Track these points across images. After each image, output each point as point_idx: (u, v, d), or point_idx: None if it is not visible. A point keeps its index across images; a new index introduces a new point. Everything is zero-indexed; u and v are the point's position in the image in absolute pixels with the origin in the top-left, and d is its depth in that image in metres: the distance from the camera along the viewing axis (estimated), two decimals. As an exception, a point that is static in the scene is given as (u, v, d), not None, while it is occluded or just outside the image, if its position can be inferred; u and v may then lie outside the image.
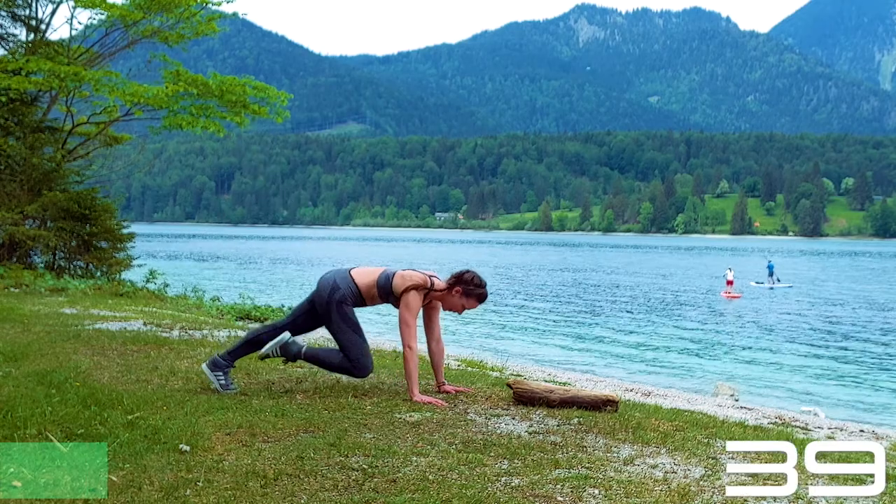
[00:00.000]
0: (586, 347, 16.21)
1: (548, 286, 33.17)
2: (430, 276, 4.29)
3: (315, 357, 4.35)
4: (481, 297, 4.33)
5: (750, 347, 16.53)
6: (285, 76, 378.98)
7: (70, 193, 13.77)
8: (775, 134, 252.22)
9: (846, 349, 16.72)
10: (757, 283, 32.39)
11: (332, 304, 4.27)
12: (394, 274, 4.27)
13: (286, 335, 4.32)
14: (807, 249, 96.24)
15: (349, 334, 4.27)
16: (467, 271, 4.33)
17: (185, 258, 49.55)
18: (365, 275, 4.33)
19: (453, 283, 4.29)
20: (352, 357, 4.27)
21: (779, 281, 32.72)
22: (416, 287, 4.21)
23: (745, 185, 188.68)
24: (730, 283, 29.56)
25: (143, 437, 3.21)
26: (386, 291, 4.27)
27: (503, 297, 27.33)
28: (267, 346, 4.33)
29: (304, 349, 4.36)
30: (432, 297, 4.33)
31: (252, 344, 4.41)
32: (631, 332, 18.60)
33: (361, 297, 4.32)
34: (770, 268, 32.65)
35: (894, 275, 46.23)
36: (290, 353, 4.33)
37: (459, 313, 4.39)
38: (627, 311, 23.60)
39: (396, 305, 4.29)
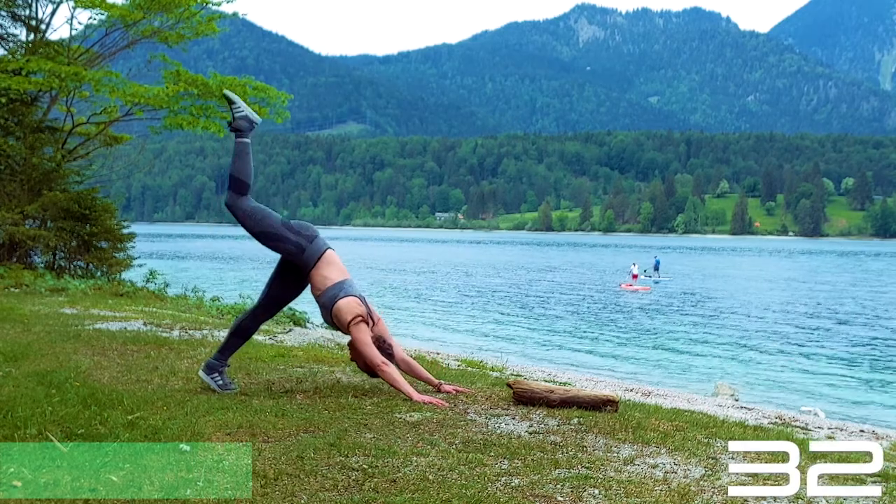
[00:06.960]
0: (584, 346, 16.21)
1: (545, 286, 33.18)
2: (370, 313, 4.33)
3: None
4: None
5: (747, 345, 16.53)
6: (285, 76, 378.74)
7: (70, 193, 13.75)
8: (775, 134, 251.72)
9: (846, 349, 16.72)
10: (646, 275, 36.57)
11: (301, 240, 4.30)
12: (339, 298, 4.26)
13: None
14: (776, 249, 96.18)
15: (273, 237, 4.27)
16: (387, 346, 4.34)
17: (186, 258, 49.54)
18: (327, 267, 4.33)
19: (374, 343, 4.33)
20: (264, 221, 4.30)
21: (660, 275, 37.77)
22: (361, 318, 4.25)
23: (745, 185, 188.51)
24: (634, 276, 34.22)
25: (143, 437, 3.21)
26: (325, 304, 4.30)
27: (501, 297, 27.33)
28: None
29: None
30: None
31: (237, 335, 4.41)
32: (626, 331, 18.59)
33: (307, 273, 4.32)
34: (657, 263, 38.95)
35: (813, 272, 46.86)
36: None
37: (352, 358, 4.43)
38: (616, 309, 23.59)
39: (325, 315, 4.34)
